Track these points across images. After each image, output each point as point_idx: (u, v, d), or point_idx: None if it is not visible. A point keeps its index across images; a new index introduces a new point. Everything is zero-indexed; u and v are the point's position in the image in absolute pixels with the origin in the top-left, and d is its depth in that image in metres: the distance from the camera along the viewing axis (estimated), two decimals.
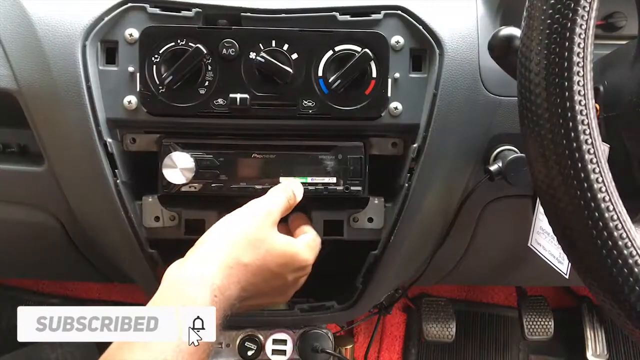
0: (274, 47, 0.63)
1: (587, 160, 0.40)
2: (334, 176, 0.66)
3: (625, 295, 0.40)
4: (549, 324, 1.21)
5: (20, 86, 0.63)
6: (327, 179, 0.66)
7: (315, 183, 0.66)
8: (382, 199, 0.69)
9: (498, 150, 0.68)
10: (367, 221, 0.69)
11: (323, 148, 0.66)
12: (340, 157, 0.66)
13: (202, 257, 0.52)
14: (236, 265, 0.52)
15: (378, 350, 1.27)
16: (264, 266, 0.55)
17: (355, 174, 0.66)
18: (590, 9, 0.40)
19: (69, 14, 0.63)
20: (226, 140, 0.66)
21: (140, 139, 0.67)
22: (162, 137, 0.65)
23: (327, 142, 0.66)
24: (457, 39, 0.65)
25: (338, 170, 0.66)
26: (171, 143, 0.64)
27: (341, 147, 0.66)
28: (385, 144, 0.69)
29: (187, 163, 0.63)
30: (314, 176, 0.66)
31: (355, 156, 0.66)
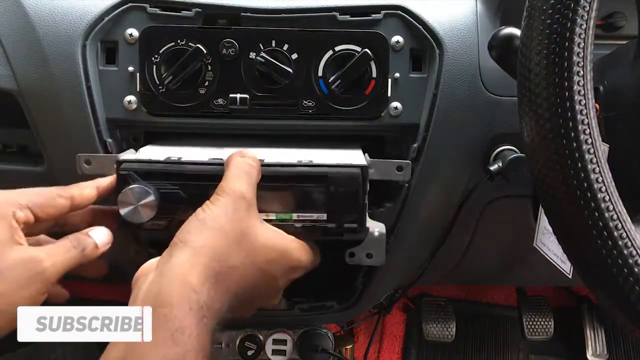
0: (274, 47, 0.63)
1: (587, 160, 0.40)
2: (325, 212, 0.52)
3: (625, 295, 0.40)
4: (549, 324, 1.21)
5: (20, 86, 0.63)
6: (316, 215, 0.52)
7: (301, 220, 0.52)
8: (383, 229, 0.59)
9: (498, 150, 0.68)
10: (365, 257, 0.59)
11: (312, 178, 0.52)
12: (333, 190, 0.52)
13: (182, 264, 0.43)
14: (223, 269, 0.45)
15: (378, 350, 1.27)
16: (253, 265, 0.47)
17: (351, 209, 0.52)
18: (590, 9, 0.40)
19: (69, 14, 0.63)
20: (196, 167, 0.53)
21: (96, 161, 0.56)
22: (120, 162, 0.52)
23: (317, 169, 0.53)
24: (457, 39, 0.65)
25: (330, 205, 0.52)
26: (129, 172, 0.52)
27: (334, 177, 0.52)
28: (389, 168, 0.57)
29: (148, 197, 0.51)
30: (300, 212, 0.52)
31: (351, 189, 0.52)
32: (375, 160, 0.57)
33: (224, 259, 0.45)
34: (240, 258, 0.46)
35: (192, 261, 0.43)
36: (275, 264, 0.49)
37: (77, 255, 0.48)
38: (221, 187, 0.48)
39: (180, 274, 0.42)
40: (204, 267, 0.43)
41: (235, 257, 0.46)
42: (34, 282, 0.44)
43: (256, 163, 0.51)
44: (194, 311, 0.41)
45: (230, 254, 0.46)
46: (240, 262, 0.46)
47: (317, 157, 0.57)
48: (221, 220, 0.46)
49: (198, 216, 0.47)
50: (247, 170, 0.50)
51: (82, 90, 0.62)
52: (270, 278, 0.49)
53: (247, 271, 0.47)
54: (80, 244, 0.48)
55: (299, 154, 0.60)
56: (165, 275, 0.43)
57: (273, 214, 0.52)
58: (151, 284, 0.43)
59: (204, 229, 0.45)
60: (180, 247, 0.44)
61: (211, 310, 0.43)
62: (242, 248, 0.47)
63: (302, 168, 0.53)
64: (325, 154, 0.61)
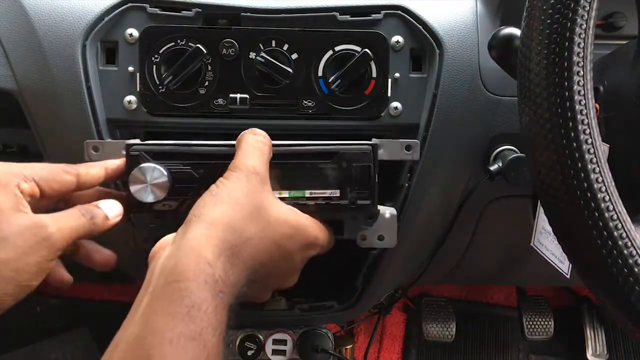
0: (274, 47, 0.63)
1: (587, 160, 0.40)
2: (337, 188, 0.53)
3: (625, 295, 0.40)
4: (549, 324, 1.21)
5: (20, 86, 0.63)
6: (329, 192, 0.53)
7: (314, 197, 0.53)
8: (394, 211, 0.59)
9: (498, 150, 0.68)
10: (377, 239, 0.59)
11: (323, 155, 0.53)
12: (345, 166, 0.53)
13: (198, 237, 0.43)
14: (239, 242, 0.45)
15: (378, 350, 1.27)
16: (268, 238, 0.47)
17: (363, 185, 0.53)
18: (590, 8, 0.40)
19: (69, 14, 0.63)
20: (207, 148, 0.53)
21: (104, 148, 0.56)
22: (129, 145, 0.52)
23: (328, 146, 0.54)
24: (457, 39, 0.65)
25: (342, 181, 0.53)
26: (140, 153, 0.52)
27: (345, 153, 0.53)
28: (398, 148, 0.57)
29: (160, 177, 0.51)
30: (313, 189, 0.53)
31: (363, 164, 0.53)
32: (384, 140, 0.56)
33: (238, 232, 0.45)
34: (255, 231, 0.46)
35: (207, 234, 0.43)
36: (290, 239, 0.49)
37: (85, 224, 0.47)
38: (234, 163, 0.49)
39: (196, 247, 0.42)
40: (219, 240, 0.43)
41: (250, 230, 0.46)
42: (39, 248, 0.44)
43: (267, 140, 0.52)
44: (209, 285, 0.41)
45: (245, 226, 0.45)
46: (254, 235, 0.46)
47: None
48: (235, 194, 0.46)
49: (212, 191, 0.47)
50: (259, 146, 0.50)
51: (82, 90, 0.62)
52: (286, 253, 0.49)
53: (262, 244, 0.46)
54: (89, 213, 0.48)
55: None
56: (181, 249, 0.42)
57: (286, 191, 0.52)
58: (167, 258, 0.42)
59: (218, 203, 0.45)
60: (195, 221, 0.44)
61: (227, 285, 0.42)
62: (256, 221, 0.46)
63: (312, 147, 0.54)
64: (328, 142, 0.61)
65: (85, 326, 1.16)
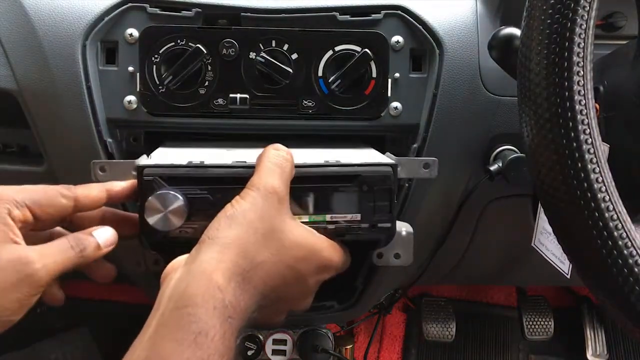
0: (274, 47, 0.63)
1: (587, 160, 0.40)
2: (358, 212, 0.51)
3: (625, 295, 0.40)
4: (549, 324, 1.21)
5: (20, 86, 0.63)
6: (350, 216, 0.51)
7: (335, 221, 0.51)
8: (410, 228, 0.57)
9: (498, 150, 0.68)
10: (393, 257, 0.57)
11: (344, 178, 0.51)
12: (366, 189, 0.51)
13: (209, 261, 0.42)
14: (251, 266, 0.43)
15: (378, 350, 1.27)
16: (281, 262, 0.45)
17: (384, 209, 0.52)
18: (590, 8, 0.40)
19: (69, 14, 0.63)
20: (224, 170, 0.51)
21: (111, 168, 0.52)
22: (141, 167, 0.49)
23: (348, 168, 0.52)
24: (457, 39, 0.65)
25: (362, 205, 0.51)
26: (155, 178, 0.49)
27: (366, 176, 0.51)
28: (416, 166, 0.56)
29: (177, 203, 0.48)
30: (333, 213, 0.51)
31: (383, 187, 0.52)
32: (402, 158, 0.55)
33: (251, 256, 0.43)
34: (267, 254, 0.44)
35: (218, 258, 0.42)
36: (304, 262, 0.47)
37: (74, 256, 0.46)
38: (252, 181, 0.47)
39: (207, 271, 0.41)
40: (231, 264, 0.42)
41: (262, 254, 0.44)
42: (22, 285, 0.42)
43: (290, 156, 0.49)
44: (218, 310, 0.40)
45: (258, 250, 0.44)
46: (267, 259, 0.44)
47: (338, 156, 0.56)
48: (250, 215, 0.45)
49: (227, 212, 0.45)
50: (280, 163, 0.48)
51: (82, 90, 0.62)
52: (299, 277, 0.47)
53: (275, 268, 0.45)
54: (80, 244, 0.46)
55: (316, 154, 0.59)
56: (192, 272, 0.41)
57: (306, 216, 0.50)
58: (178, 281, 0.41)
59: (233, 225, 0.44)
60: (208, 243, 0.43)
61: (237, 310, 0.41)
62: (270, 245, 0.45)
63: (333, 168, 0.52)
64: (343, 153, 0.60)
65: (85, 326, 1.16)
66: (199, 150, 0.61)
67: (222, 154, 0.58)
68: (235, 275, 0.42)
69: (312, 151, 0.60)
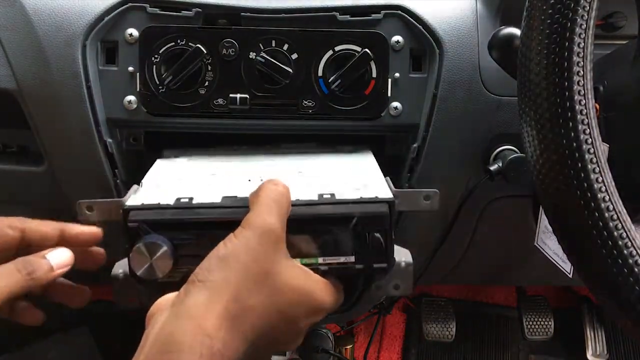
0: (274, 47, 0.63)
1: (587, 160, 0.40)
2: (352, 254, 0.49)
3: (625, 295, 0.40)
4: (549, 324, 1.21)
5: (20, 86, 0.63)
6: (344, 258, 0.49)
7: (328, 263, 0.48)
8: (409, 258, 0.54)
9: (498, 150, 0.68)
10: (392, 288, 0.54)
11: (336, 220, 0.48)
12: (360, 231, 0.48)
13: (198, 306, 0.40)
14: (241, 311, 0.41)
15: (378, 350, 1.27)
16: (273, 307, 0.43)
17: (379, 249, 0.49)
18: (590, 8, 0.40)
19: (69, 14, 0.63)
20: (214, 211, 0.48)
21: (97, 208, 0.50)
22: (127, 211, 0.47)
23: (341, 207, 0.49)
24: (457, 39, 0.65)
25: (357, 246, 0.49)
26: (139, 224, 0.47)
27: (362, 217, 0.48)
28: (416, 198, 0.53)
29: (162, 251, 0.46)
30: (326, 255, 0.48)
31: (379, 228, 0.49)
32: (401, 190, 0.52)
33: (242, 300, 0.41)
34: (260, 298, 0.42)
35: (208, 303, 0.40)
36: (297, 306, 0.44)
37: (21, 280, 0.44)
38: (248, 218, 0.44)
39: (195, 316, 0.39)
40: (222, 309, 0.40)
41: (255, 298, 0.42)
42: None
43: (287, 192, 0.47)
44: (205, 357, 0.38)
45: (250, 295, 0.41)
46: (259, 303, 0.42)
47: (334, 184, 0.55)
48: (244, 257, 0.42)
49: (219, 252, 0.42)
50: (278, 199, 0.45)
51: (82, 90, 0.62)
52: (290, 321, 0.45)
53: (266, 313, 0.42)
54: (28, 267, 0.44)
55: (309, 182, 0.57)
56: (180, 317, 0.39)
57: (297, 259, 0.48)
58: (164, 324, 0.39)
59: (225, 268, 0.41)
60: (198, 287, 0.41)
61: (225, 357, 0.39)
62: (263, 288, 0.42)
63: (327, 208, 0.49)
64: (339, 178, 0.59)
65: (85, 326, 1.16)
66: (196, 167, 0.61)
67: (220, 174, 0.58)
68: (225, 320, 0.40)
69: (304, 178, 0.58)
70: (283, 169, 0.60)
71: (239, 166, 0.62)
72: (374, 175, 0.58)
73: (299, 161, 0.64)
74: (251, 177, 0.57)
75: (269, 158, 0.66)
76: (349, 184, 0.54)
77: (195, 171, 0.60)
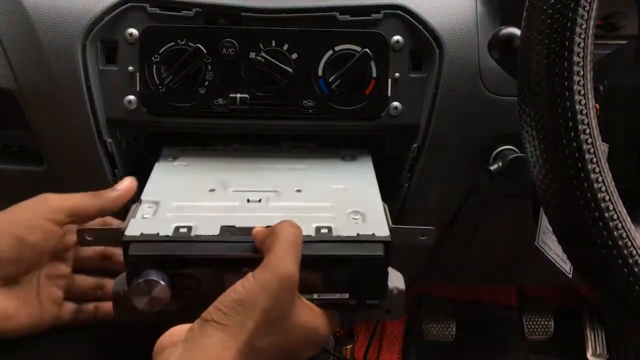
0: (274, 47, 0.63)
1: (587, 160, 0.40)
2: (347, 292, 0.49)
3: (625, 295, 0.40)
4: (549, 324, 1.21)
5: (20, 86, 0.63)
6: (338, 295, 0.50)
7: (322, 299, 0.49)
8: (402, 284, 0.54)
9: (498, 150, 0.68)
10: (384, 314, 0.54)
11: (332, 261, 0.49)
12: (355, 272, 0.49)
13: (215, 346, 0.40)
14: (253, 352, 0.41)
15: (378, 350, 1.27)
16: (280, 347, 0.43)
17: (373, 288, 0.50)
18: (590, 8, 0.40)
19: (69, 14, 0.63)
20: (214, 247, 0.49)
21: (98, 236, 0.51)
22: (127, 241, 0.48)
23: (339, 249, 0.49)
24: (457, 38, 0.65)
25: (351, 285, 0.49)
26: (139, 259, 0.48)
27: (357, 258, 0.49)
28: (413, 235, 0.53)
29: (160, 287, 0.47)
30: (321, 292, 0.49)
31: (374, 269, 0.49)
32: (398, 228, 0.52)
33: (256, 342, 0.41)
34: (272, 340, 0.43)
35: (225, 345, 0.40)
36: (303, 343, 0.46)
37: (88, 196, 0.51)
38: (269, 262, 0.43)
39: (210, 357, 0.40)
40: (237, 352, 0.40)
41: (265, 340, 0.42)
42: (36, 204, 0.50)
43: (301, 232, 0.47)
44: None
45: (262, 338, 0.42)
46: (269, 345, 0.42)
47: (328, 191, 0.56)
48: (263, 303, 0.42)
49: (237, 294, 0.42)
50: (296, 241, 0.45)
51: (82, 90, 0.62)
52: (294, 356, 0.46)
53: (275, 353, 0.43)
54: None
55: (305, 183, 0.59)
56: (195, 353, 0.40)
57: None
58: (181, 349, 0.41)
59: (242, 312, 0.41)
60: (214, 327, 0.41)
61: None
62: (275, 331, 0.43)
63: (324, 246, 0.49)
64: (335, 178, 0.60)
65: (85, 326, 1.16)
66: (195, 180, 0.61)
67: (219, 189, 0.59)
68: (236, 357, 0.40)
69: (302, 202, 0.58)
70: (282, 186, 0.60)
71: (237, 178, 0.61)
72: (372, 200, 0.58)
73: (297, 173, 0.63)
74: (250, 196, 0.57)
75: (267, 165, 0.65)
76: (347, 211, 0.55)
77: (192, 185, 0.60)
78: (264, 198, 0.57)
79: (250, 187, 0.59)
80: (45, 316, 0.53)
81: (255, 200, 0.57)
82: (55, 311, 0.55)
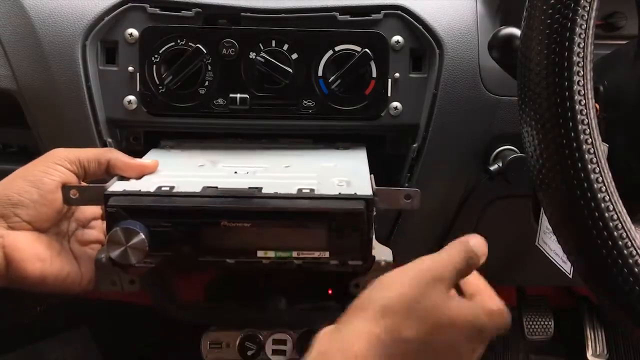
0: (274, 47, 0.63)
1: (587, 160, 0.40)
2: (326, 249, 0.49)
3: (625, 295, 0.40)
4: (549, 324, 1.20)
5: (20, 86, 0.63)
6: (317, 253, 0.49)
7: (301, 258, 0.49)
8: (390, 257, 0.54)
9: (498, 150, 0.68)
10: None
11: (312, 215, 0.48)
12: (335, 227, 0.48)
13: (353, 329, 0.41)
14: (393, 342, 0.40)
15: None
16: (431, 342, 0.41)
17: (355, 246, 0.49)
18: (590, 8, 0.40)
19: (69, 14, 0.63)
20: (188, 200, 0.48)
21: (82, 193, 0.50)
22: (108, 196, 0.48)
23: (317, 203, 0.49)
24: (457, 38, 0.65)
25: (331, 242, 0.48)
26: (117, 209, 0.47)
27: (334, 213, 0.48)
28: (397, 197, 0.51)
29: (137, 238, 0.46)
30: (301, 250, 0.48)
31: (354, 225, 0.48)
32: (382, 188, 0.51)
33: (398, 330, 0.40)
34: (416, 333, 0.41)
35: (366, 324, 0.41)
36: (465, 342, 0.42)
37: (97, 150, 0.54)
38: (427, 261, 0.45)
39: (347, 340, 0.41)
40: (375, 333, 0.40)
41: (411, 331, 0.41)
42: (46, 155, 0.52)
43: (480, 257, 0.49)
44: None
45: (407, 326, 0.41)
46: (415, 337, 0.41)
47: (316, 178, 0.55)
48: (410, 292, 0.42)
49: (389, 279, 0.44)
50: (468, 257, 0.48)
51: (82, 90, 0.62)
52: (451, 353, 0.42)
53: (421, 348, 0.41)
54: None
55: (295, 162, 0.59)
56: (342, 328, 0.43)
57: (272, 252, 0.49)
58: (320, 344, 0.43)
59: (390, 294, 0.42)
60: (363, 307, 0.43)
61: None
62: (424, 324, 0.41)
63: (303, 202, 0.49)
64: (325, 159, 0.60)
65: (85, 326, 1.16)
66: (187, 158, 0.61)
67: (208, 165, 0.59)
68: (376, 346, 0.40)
69: (289, 172, 0.58)
70: (271, 162, 0.60)
71: (229, 158, 0.62)
72: (359, 172, 0.57)
73: (289, 157, 0.63)
74: (238, 169, 0.57)
75: (261, 152, 0.66)
76: (332, 180, 0.54)
77: (184, 161, 0.61)
78: (251, 171, 0.57)
79: (240, 164, 0.59)
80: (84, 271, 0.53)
81: (243, 173, 0.56)
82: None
